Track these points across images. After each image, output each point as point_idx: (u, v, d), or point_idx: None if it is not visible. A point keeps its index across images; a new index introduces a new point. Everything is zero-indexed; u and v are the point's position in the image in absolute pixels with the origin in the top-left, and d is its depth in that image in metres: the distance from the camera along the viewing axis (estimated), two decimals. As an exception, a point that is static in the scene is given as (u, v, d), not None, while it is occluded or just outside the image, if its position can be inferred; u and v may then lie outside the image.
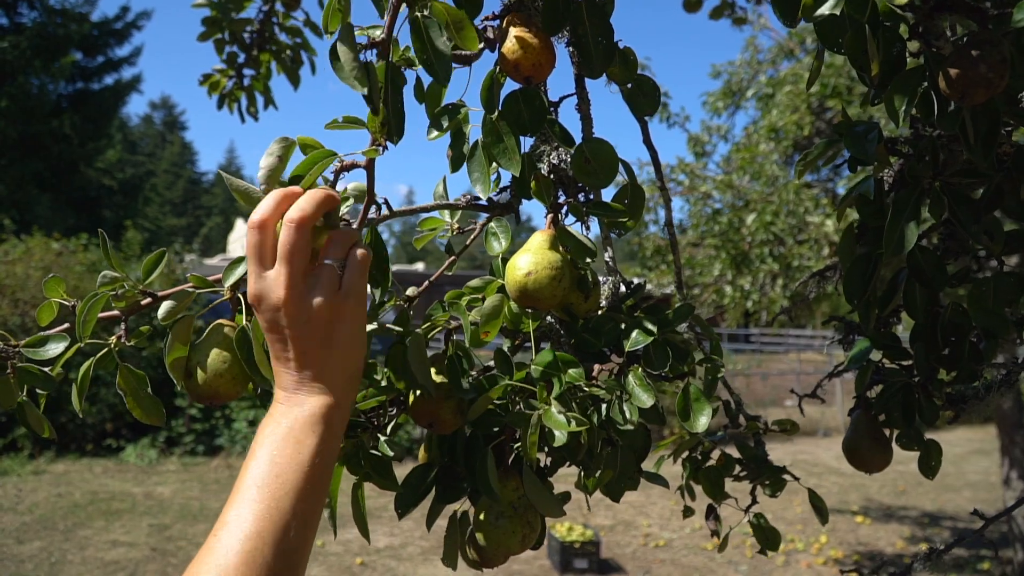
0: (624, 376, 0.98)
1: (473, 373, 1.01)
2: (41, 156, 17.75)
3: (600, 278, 1.07)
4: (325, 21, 0.94)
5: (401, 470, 0.84)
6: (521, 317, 1.04)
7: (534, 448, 0.89)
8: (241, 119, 3.10)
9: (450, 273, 1.12)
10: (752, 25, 7.33)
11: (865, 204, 1.05)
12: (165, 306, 0.89)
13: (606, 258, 1.12)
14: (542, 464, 1.03)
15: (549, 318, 1.06)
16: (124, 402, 0.89)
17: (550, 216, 1.03)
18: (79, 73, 19.68)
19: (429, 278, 1.08)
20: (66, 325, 0.89)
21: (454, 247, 1.12)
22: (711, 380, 1.05)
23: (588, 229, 1.05)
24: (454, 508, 1.02)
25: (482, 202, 1.07)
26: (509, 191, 1.08)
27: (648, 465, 1.11)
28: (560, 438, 0.88)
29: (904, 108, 0.94)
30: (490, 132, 0.99)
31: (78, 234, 10.80)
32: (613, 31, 0.99)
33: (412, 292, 1.05)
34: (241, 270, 0.88)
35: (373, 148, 0.91)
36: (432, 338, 1.03)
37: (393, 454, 0.97)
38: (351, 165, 0.92)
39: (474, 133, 1.04)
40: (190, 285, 0.90)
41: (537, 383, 0.94)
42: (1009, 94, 1.00)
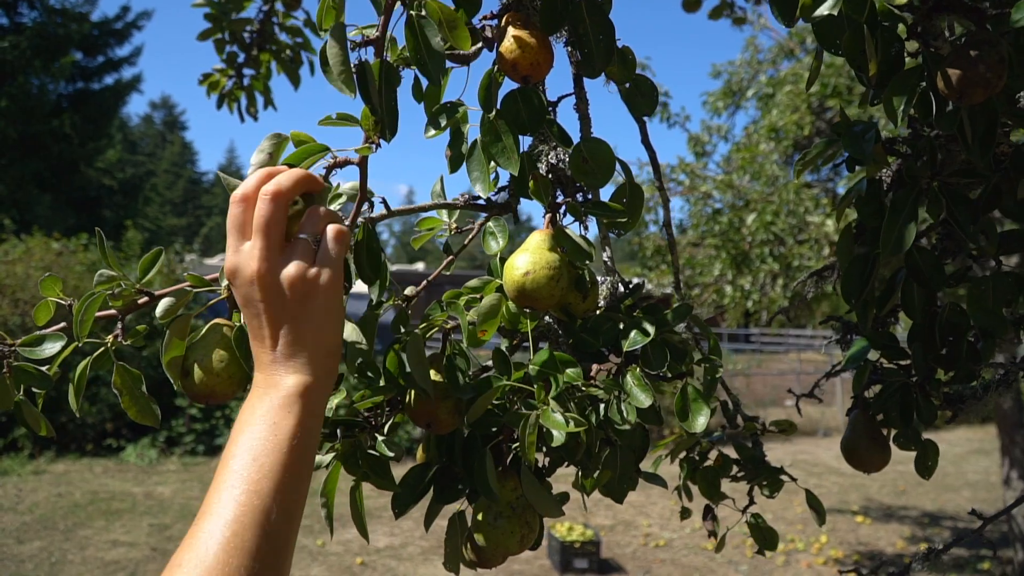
0: (622, 376, 0.98)
1: (471, 373, 1.01)
2: (41, 156, 17.75)
3: (598, 278, 1.07)
4: (319, 19, 0.93)
5: (401, 470, 0.83)
6: (519, 317, 1.03)
7: (532, 448, 0.89)
8: (241, 119, 3.11)
9: (448, 273, 1.12)
10: (752, 25, 7.33)
11: (863, 204, 1.05)
12: (162, 305, 0.89)
13: (604, 258, 1.12)
14: (540, 464, 1.03)
15: (547, 318, 1.06)
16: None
17: (548, 216, 1.03)
18: (79, 73, 19.68)
19: (428, 278, 1.08)
20: (63, 324, 0.89)
21: (452, 247, 1.12)
22: (710, 380, 1.04)
23: (586, 229, 1.04)
24: (452, 509, 1.02)
25: (480, 202, 1.07)
26: (507, 191, 1.08)
27: (646, 465, 1.11)
28: (558, 438, 0.88)
29: (902, 108, 0.94)
30: (488, 131, 0.99)
31: (78, 234, 10.79)
32: (614, 29, 0.99)
33: (410, 292, 1.05)
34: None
35: (366, 145, 0.91)
36: (430, 338, 1.03)
37: (393, 455, 0.97)
38: (344, 162, 0.92)
39: (473, 133, 1.04)
40: (187, 284, 0.91)
41: (535, 383, 0.94)
42: (1007, 94, 1.00)
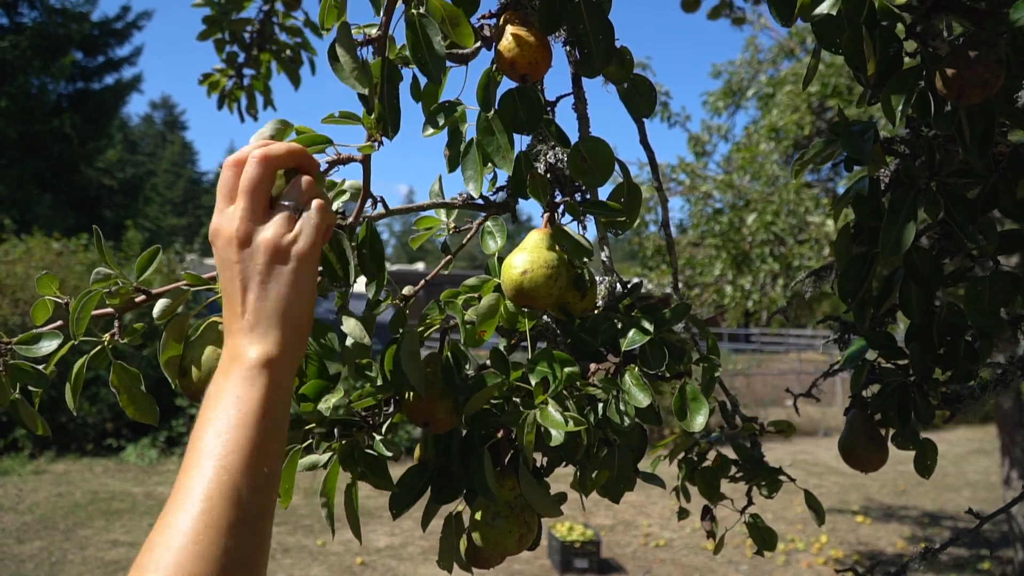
0: (620, 376, 0.98)
1: (469, 372, 1.01)
2: (41, 156, 17.76)
3: (597, 277, 1.07)
4: (321, 18, 0.93)
5: (402, 470, 0.82)
6: (517, 316, 1.03)
7: (530, 447, 0.89)
8: (241, 119, 3.10)
9: (447, 272, 1.12)
10: (752, 25, 7.33)
11: (861, 204, 1.05)
12: (160, 304, 0.89)
13: (603, 257, 1.12)
14: (538, 464, 1.03)
15: (545, 317, 1.06)
16: (122, 401, 0.89)
17: (546, 215, 1.03)
18: (79, 73, 19.69)
19: (426, 277, 1.08)
20: (59, 322, 0.89)
21: (450, 246, 1.12)
22: (709, 380, 1.04)
23: (585, 228, 1.04)
24: (450, 509, 1.02)
25: (478, 201, 1.07)
26: (505, 190, 1.08)
27: (645, 466, 1.11)
28: (557, 437, 0.88)
29: (901, 108, 0.94)
30: (484, 130, 0.99)
31: (78, 234, 10.79)
32: (613, 28, 0.99)
33: (408, 291, 1.05)
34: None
35: (369, 144, 0.91)
36: (428, 337, 1.03)
37: (391, 454, 0.97)
38: (347, 159, 0.92)
39: (471, 132, 1.04)
40: (185, 283, 0.90)
41: (533, 382, 0.93)
42: (1005, 94, 1.00)
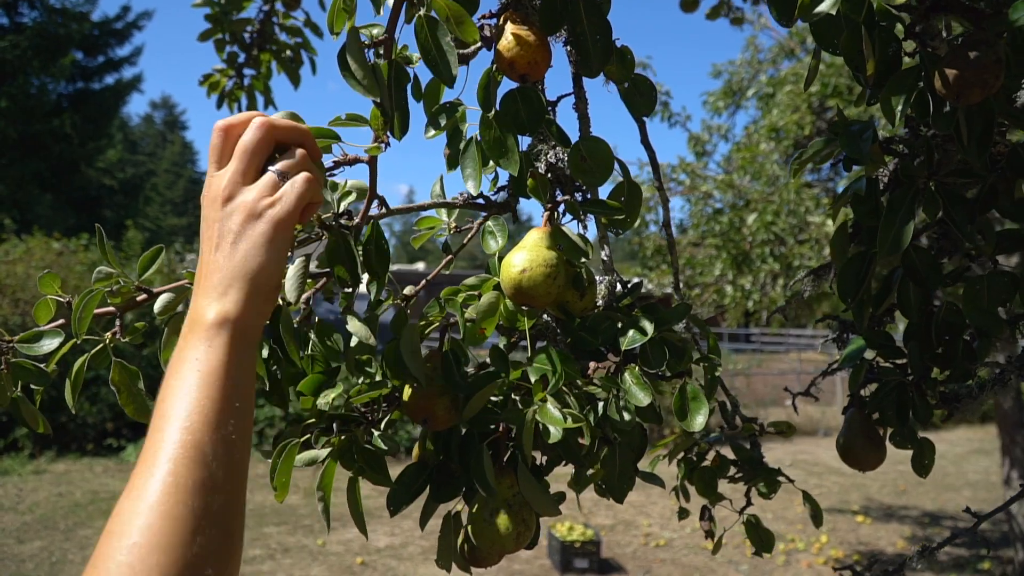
0: (620, 375, 0.98)
1: (469, 369, 1.01)
2: (42, 156, 17.77)
3: (597, 277, 1.07)
4: (330, 21, 0.94)
5: (400, 469, 0.82)
6: (517, 315, 1.04)
7: (529, 444, 0.89)
8: (241, 118, 3.10)
9: (447, 272, 1.12)
10: (752, 24, 7.34)
11: (859, 203, 1.05)
12: (161, 300, 0.90)
13: (603, 256, 1.12)
14: (538, 462, 1.03)
15: (545, 316, 1.06)
16: (123, 400, 0.89)
17: (546, 214, 1.03)
18: (79, 73, 19.70)
19: (427, 277, 1.09)
20: (61, 321, 0.89)
21: (451, 246, 1.12)
22: (712, 380, 1.04)
23: (585, 228, 1.04)
24: (448, 508, 1.02)
25: (479, 201, 1.08)
26: (506, 190, 1.08)
27: (644, 465, 1.11)
28: (555, 434, 0.88)
29: (900, 108, 0.94)
30: (489, 131, 0.99)
31: (79, 234, 10.81)
32: (611, 29, 0.99)
33: (409, 291, 1.05)
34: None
35: (376, 145, 0.92)
36: (428, 336, 1.03)
37: (387, 448, 0.97)
38: (354, 160, 0.92)
39: (471, 132, 1.04)
40: (186, 281, 0.91)
41: (532, 380, 0.94)
42: (1004, 94, 1.00)
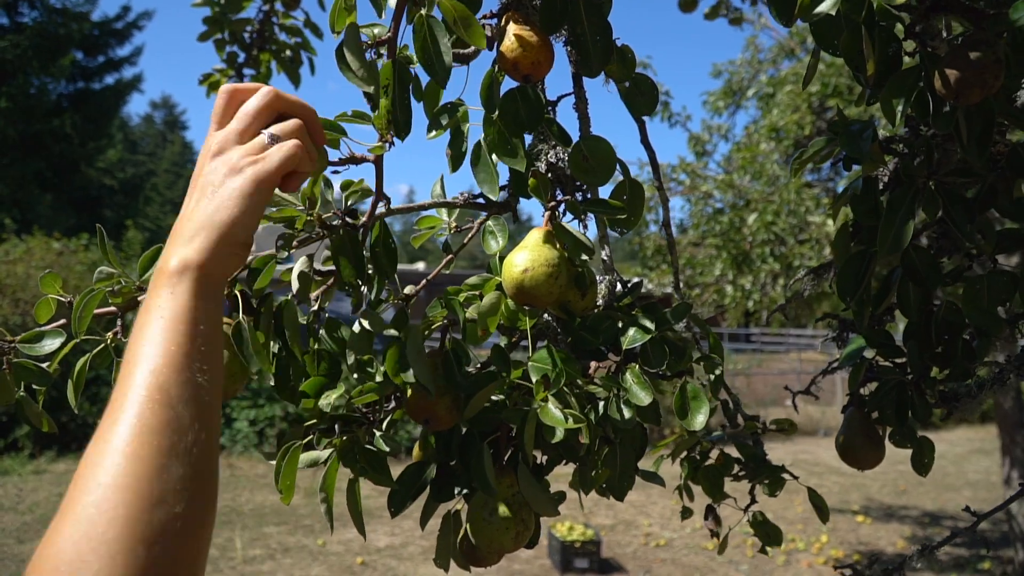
0: (621, 374, 0.98)
1: (470, 369, 1.01)
2: (42, 156, 17.78)
3: (597, 276, 1.07)
4: (332, 21, 0.94)
5: (401, 469, 0.83)
6: (518, 314, 1.04)
7: (531, 444, 0.90)
8: (241, 118, 3.10)
9: (448, 272, 1.12)
10: (753, 24, 7.34)
11: (859, 202, 1.06)
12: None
13: (603, 256, 1.12)
14: (538, 462, 1.03)
15: (546, 316, 1.06)
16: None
17: (547, 214, 1.03)
18: (80, 73, 19.71)
19: (427, 277, 1.09)
20: (63, 321, 0.89)
21: (452, 246, 1.12)
22: (716, 379, 1.05)
23: (585, 228, 1.05)
24: (448, 508, 1.02)
25: (479, 200, 1.08)
26: (507, 190, 1.08)
27: (646, 465, 1.11)
28: (557, 434, 0.88)
29: (900, 108, 0.94)
30: (493, 131, 1.00)
31: (79, 234, 10.81)
32: (611, 29, 0.99)
33: (409, 291, 1.05)
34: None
35: (380, 144, 0.92)
36: (429, 335, 1.03)
37: (389, 448, 0.97)
38: (360, 158, 0.93)
39: (472, 132, 1.05)
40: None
41: (534, 379, 0.94)
42: (1004, 94, 1.00)
